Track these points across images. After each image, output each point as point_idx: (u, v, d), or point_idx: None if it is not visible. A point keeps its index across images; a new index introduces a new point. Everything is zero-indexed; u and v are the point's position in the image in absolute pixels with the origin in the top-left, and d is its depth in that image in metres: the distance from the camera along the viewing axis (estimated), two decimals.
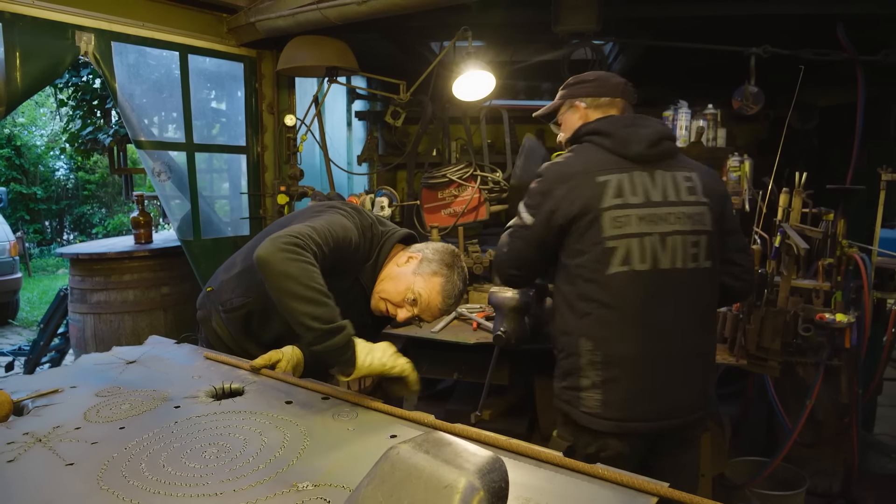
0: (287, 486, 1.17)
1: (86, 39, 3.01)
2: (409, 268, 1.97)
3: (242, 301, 2.06)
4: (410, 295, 1.93)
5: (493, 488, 0.78)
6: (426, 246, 2.05)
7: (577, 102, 2.11)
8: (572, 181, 1.93)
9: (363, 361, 1.63)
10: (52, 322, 5.16)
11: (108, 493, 1.14)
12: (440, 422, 1.47)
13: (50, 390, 1.69)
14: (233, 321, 2.09)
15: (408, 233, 2.11)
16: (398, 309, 1.98)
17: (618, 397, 1.88)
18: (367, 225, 1.99)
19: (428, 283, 1.94)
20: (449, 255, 2.00)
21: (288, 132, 3.69)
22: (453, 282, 1.97)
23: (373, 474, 0.84)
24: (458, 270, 1.99)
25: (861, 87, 3.29)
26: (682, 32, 3.61)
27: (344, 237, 1.85)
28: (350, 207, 2.01)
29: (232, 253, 2.33)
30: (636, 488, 1.15)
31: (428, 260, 1.96)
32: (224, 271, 2.18)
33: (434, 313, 2.00)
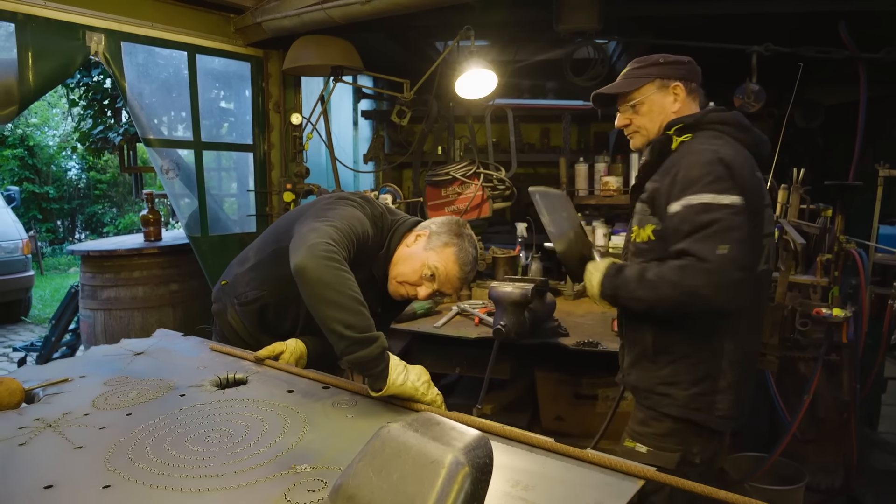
0: (286, 469, 1.21)
1: (96, 39, 3.07)
2: (419, 245, 1.98)
3: (257, 294, 2.08)
4: (427, 271, 1.94)
5: (478, 464, 0.82)
6: (431, 222, 2.05)
7: (675, 84, 1.91)
8: (744, 169, 1.73)
9: (395, 379, 1.58)
10: (64, 318, 5.24)
11: (114, 474, 1.19)
12: (438, 409, 1.51)
13: (60, 379, 1.74)
14: (248, 314, 2.12)
15: (417, 220, 2.11)
16: (417, 288, 1.98)
17: (743, 396, 1.87)
18: (377, 214, 2.01)
19: (441, 255, 1.95)
20: (455, 224, 2.01)
21: (294, 131, 3.74)
22: (465, 249, 1.97)
23: (365, 451, 0.88)
24: (467, 238, 2.00)
25: (863, 85, 3.29)
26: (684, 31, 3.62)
27: (362, 231, 1.87)
28: (359, 197, 2.02)
29: (239, 249, 2.36)
30: (624, 471, 1.18)
31: (436, 234, 1.98)
32: (238, 265, 2.21)
33: (454, 283, 2.00)
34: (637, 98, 1.93)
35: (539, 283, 2.50)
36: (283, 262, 1.97)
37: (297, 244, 1.69)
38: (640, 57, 1.96)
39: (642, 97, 1.92)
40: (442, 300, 3.37)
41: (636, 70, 1.94)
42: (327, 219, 1.81)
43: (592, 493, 1.13)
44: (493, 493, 1.12)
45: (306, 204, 2.12)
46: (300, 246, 1.66)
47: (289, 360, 1.93)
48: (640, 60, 1.95)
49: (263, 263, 2.08)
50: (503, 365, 2.96)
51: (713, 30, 3.58)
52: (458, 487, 0.78)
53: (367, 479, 0.84)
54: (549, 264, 4.09)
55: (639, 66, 1.94)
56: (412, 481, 0.80)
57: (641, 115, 1.94)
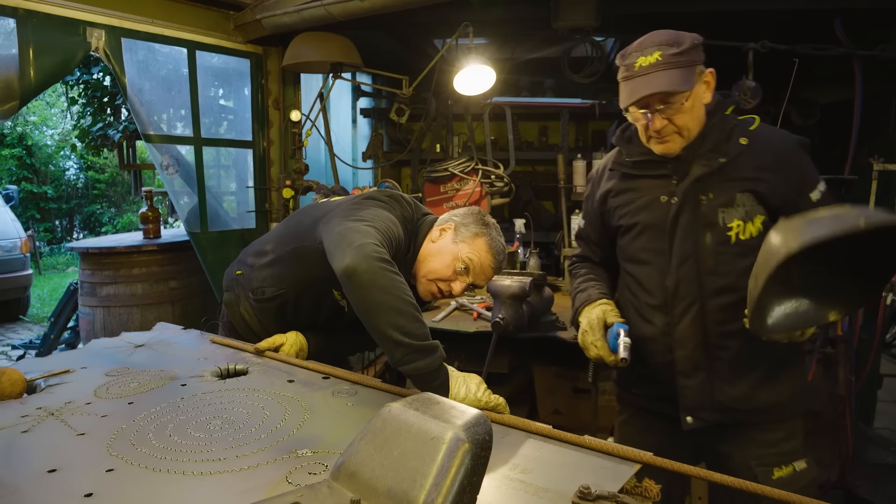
0: (287, 453, 1.22)
1: (97, 35, 3.09)
2: (446, 239, 1.92)
3: (276, 292, 2.02)
4: (460, 264, 1.88)
5: (478, 440, 0.83)
6: (452, 215, 1.99)
7: (708, 70, 1.69)
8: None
9: (457, 392, 1.51)
10: (63, 316, 5.25)
11: (117, 459, 1.20)
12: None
13: (61, 370, 1.75)
14: (265, 311, 2.06)
15: (436, 217, 2.06)
16: (451, 284, 1.91)
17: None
18: (408, 217, 1.94)
19: (473, 246, 1.89)
20: (479, 214, 1.96)
21: (293, 127, 3.76)
22: (495, 238, 1.92)
23: (366, 430, 0.90)
24: (493, 227, 1.95)
25: (858, 82, 3.32)
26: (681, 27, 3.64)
27: (397, 235, 1.79)
28: (387, 196, 1.93)
29: (239, 245, 2.31)
30: (621, 456, 1.20)
31: (464, 225, 1.91)
32: (254, 256, 2.11)
33: (488, 274, 1.94)
34: (688, 94, 1.63)
35: (537, 276, 2.52)
36: (305, 262, 1.95)
37: (339, 244, 1.58)
38: (663, 35, 1.64)
39: (691, 92, 1.63)
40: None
41: (680, 58, 1.59)
42: (363, 219, 1.72)
43: (589, 476, 1.14)
44: (492, 475, 1.14)
45: (329, 202, 2.04)
46: (345, 246, 1.55)
47: (289, 352, 1.94)
48: (672, 42, 1.61)
49: (283, 261, 2.01)
50: (501, 359, 2.98)
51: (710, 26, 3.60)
52: (458, 462, 0.80)
53: (368, 457, 0.85)
54: (546, 261, 4.12)
55: (679, 52, 1.60)
56: (413, 457, 0.81)
57: (684, 113, 1.65)
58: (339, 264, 1.51)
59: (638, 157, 1.81)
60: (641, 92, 1.61)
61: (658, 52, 1.59)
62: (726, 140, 1.70)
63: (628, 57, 1.66)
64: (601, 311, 1.83)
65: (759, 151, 1.69)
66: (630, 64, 1.64)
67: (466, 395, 1.50)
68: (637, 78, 1.63)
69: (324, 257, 1.67)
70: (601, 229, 2.00)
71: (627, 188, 1.86)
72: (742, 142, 1.70)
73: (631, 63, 1.64)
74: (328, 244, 1.66)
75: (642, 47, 1.63)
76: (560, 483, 1.10)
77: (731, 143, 1.70)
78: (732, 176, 1.69)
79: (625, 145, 1.87)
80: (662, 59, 1.59)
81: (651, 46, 1.61)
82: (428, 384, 1.47)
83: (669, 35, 1.63)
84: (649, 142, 1.74)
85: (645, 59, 1.60)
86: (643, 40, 1.65)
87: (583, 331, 1.82)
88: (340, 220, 1.72)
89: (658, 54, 1.59)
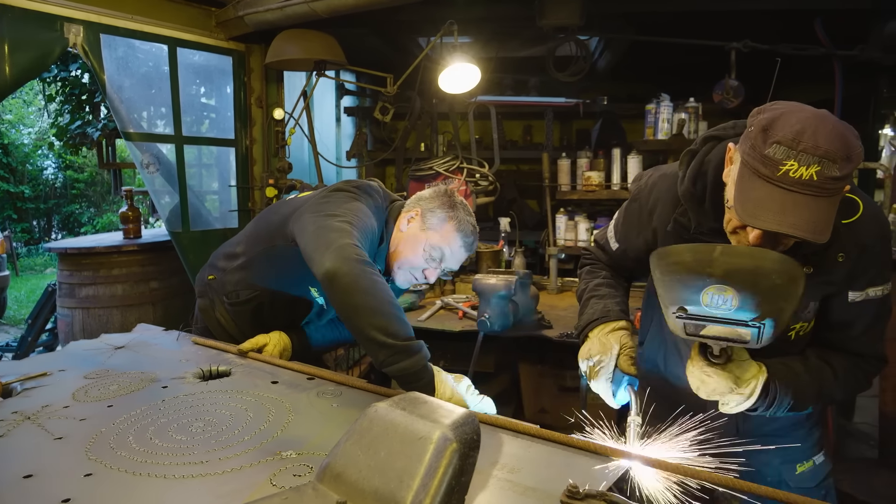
0: (271, 455, 1.20)
1: (74, 31, 3.03)
2: (415, 227, 1.90)
3: (250, 294, 1.99)
4: (432, 252, 1.87)
5: (466, 439, 0.82)
6: (418, 199, 1.96)
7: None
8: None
9: (443, 392, 1.48)
10: (41, 317, 5.16)
11: (95, 463, 1.17)
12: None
13: (38, 373, 1.71)
14: (241, 314, 2.04)
15: (402, 204, 2.03)
16: (425, 272, 1.91)
17: None
18: (379, 205, 1.91)
19: (441, 232, 1.87)
20: (445, 196, 1.92)
21: (276, 126, 3.72)
22: (463, 220, 1.90)
23: (352, 430, 0.88)
24: (461, 207, 1.92)
25: (838, 82, 3.36)
26: (665, 27, 3.67)
27: (371, 226, 1.77)
28: (356, 188, 1.89)
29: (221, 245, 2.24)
30: (609, 455, 1.20)
31: (430, 211, 1.89)
32: (225, 259, 2.07)
33: (460, 257, 1.92)
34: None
35: (522, 275, 2.52)
36: (278, 261, 1.92)
37: (317, 246, 1.56)
38: (833, 136, 1.18)
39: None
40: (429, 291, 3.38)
41: (837, 183, 1.20)
42: (336, 214, 1.68)
43: (577, 474, 1.13)
44: (480, 475, 1.13)
45: (298, 198, 2.00)
46: (323, 249, 1.52)
47: (272, 353, 1.91)
48: (840, 154, 1.18)
49: (255, 262, 1.97)
50: (487, 358, 2.97)
51: (693, 26, 3.64)
52: (446, 462, 0.78)
53: (354, 458, 0.84)
54: (532, 259, 4.12)
55: (840, 177, 1.19)
56: (400, 458, 0.80)
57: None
58: (320, 269, 1.49)
59: (707, 234, 1.48)
60: (772, 224, 1.20)
61: (818, 166, 1.17)
62: (823, 250, 1.37)
63: (776, 146, 1.19)
64: (616, 343, 1.64)
65: (847, 256, 1.40)
66: (775, 160, 1.19)
67: (453, 395, 1.49)
68: (776, 188, 1.20)
69: (298, 256, 1.65)
70: (636, 258, 1.74)
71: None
72: (839, 259, 1.40)
73: (777, 160, 1.19)
74: (304, 245, 1.64)
75: (801, 147, 1.17)
76: (548, 482, 1.09)
77: (826, 256, 1.39)
78: (812, 284, 1.39)
79: (694, 208, 1.50)
80: (818, 179, 1.17)
81: (813, 154, 1.17)
82: (413, 384, 1.45)
83: (839, 139, 1.18)
84: (731, 234, 1.39)
85: (797, 167, 1.17)
86: (805, 131, 1.18)
87: (590, 362, 1.65)
88: (313, 217, 1.70)
89: (816, 169, 1.17)
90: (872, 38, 3.31)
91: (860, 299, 1.44)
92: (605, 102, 4.62)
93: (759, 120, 1.25)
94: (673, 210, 1.56)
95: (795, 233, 1.19)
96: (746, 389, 1.35)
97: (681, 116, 3.66)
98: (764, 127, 1.22)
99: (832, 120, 1.22)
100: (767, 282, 1.17)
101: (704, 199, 1.47)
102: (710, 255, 1.21)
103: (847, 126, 1.23)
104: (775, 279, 1.17)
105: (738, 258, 1.20)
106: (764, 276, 1.18)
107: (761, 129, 1.22)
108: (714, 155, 1.45)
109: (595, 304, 1.76)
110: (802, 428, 1.74)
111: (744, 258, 1.20)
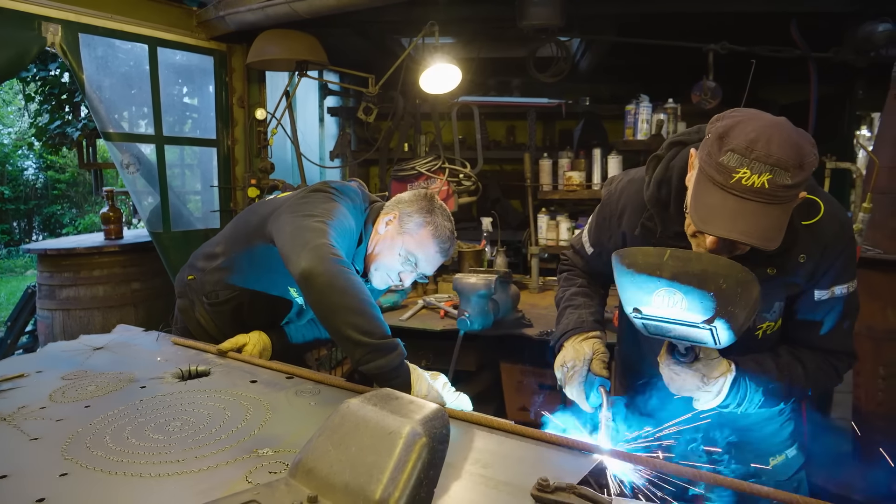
0: (248, 453, 1.21)
1: (52, 30, 3.00)
2: (392, 230, 1.91)
3: (230, 294, 2.00)
4: (407, 257, 1.89)
5: (435, 434, 0.84)
6: (397, 202, 1.96)
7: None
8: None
9: (419, 389, 1.49)
10: (20, 320, 5.09)
11: (71, 463, 1.18)
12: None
13: (15, 375, 1.71)
14: (221, 315, 2.04)
15: (382, 205, 2.03)
16: (400, 275, 1.92)
17: None
18: (357, 206, 1.92)
19: (417, 237, 1.88)
20: (424, 200, 1.93)
21: (258, 126, 3.72)
22: (441, 225, 1.90)
23: (324, 426, 0.89)
24: (439, 213, 1.92)
25: (813, 83, 3.42)
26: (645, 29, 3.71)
27: (348, 227, 1.78)
28: (335, 189, 1.88)
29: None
30: (581, 449, 1.22)
31: (408, 215, 1.90)
32: (204, 259, 2.08)
33: (435, 263, 1.93)
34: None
35: (503, 274, 2.54)
36: (257, 261, 1.93)
37: (293, 247, 1.56)
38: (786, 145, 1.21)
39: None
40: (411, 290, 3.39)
41: (789, 192, 1.23)
42: (313, 215, 1.69)
43: (549, 469, 1.16)
44: (454, 470, 1.15)
45: (276, 199, 2.01)
46: (299, 249, 1.53)
47: (252, 352, 1.91)
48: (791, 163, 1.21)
49: (234, 262, 1.98)
50: (469, 357, 2.99)
51: (671, 27, 3.68)
52: (415, 456, 0.80)
53: (325, 453, 0.85)
54: (514, 259, 4.15)
55: (792, 185, 1.22)
56: (370, 452, 0.81)
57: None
58: (296, 268, 1.50)
59: (672, 238, 1.50)
60: (723, 230, 1.24)
61: (770, 174, 1.19)
62: (784, 252, 1.40)
63: (730, 154, 1.23)
64: (590, 349, 1.67)
65: (811, 256, 1.44)
66: (728, 168, 1.22)
67: (429, 392, 1.50)
68: (729, 195, 1.23)
69: (276, 256, 1.66)
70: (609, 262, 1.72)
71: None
72: (800, 260, 1.44)
73: (730, 168, 1.22)
74: (281, 245, 1.64)
75: (754, 155, 1.20)
76: (520, 476, 1.11)
77: (788, 257, 1.43)
78: (775, 284, 1.46)
79: (660, 213, 1.54)
80: (770, 187, 1.20)
81: (765, 162, 1.20)
82: (389, 382, 1.46)
83: (792, 148, 1.21)
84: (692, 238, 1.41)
85: (749, 175, 1.20)
86: (759, 139, 1.21)
87: (565, 370, 1.66)
88: (291, 218, 1.70)
89: (768, 177, 1.20)
90: (846, 41, 3.37)
91: (826, 297, 1.48)
92: (587, 103, 4.66)
93: (716, 128, 1.28)
94: (640, 214, 1.59)
95: (745, 239, 1.23)
96: (714, 387, 1.39)
97: (659, 117, 3.71)
98: (720, 135, 1.25)
99: (787, 129, 1.24)
100: (714, 286, 1.21)
101: (669, 204, 1.50)
102: (659, 258, 1.26)
103: (803, 135, 1.26)
104: (722, 283, 1.21)
105: (686, 263, 1.24)
106: (710, 280, 1.21)
107: (717, 137, 1.25)
108: (678, 160, 1.48)
109: (570, 314, 1.78)
110: (775, 423, 1.78)
111: (691, 263, 1.24)
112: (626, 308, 1.35)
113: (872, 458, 2.49)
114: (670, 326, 1.31)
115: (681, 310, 1.25)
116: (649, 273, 1.26)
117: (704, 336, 1.27)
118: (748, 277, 1.22)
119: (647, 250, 1.30)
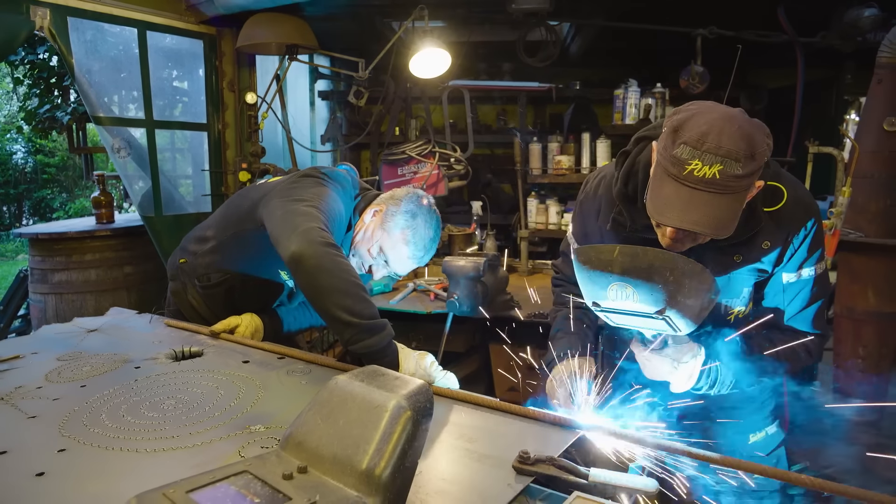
0: (240, 429, 1.25)
1: (41, 14, 2.99)
2: (375, 224, 1.94)
3: (221, 277, 2.03)
4: (379, 252, 1.92)
5: (419, 407, 0.88)
6: (390, 197, 1.98)
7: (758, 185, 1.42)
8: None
9: (406, 368, 1.53)
10: (12, 304, 5.11)
11: (69, 439, 1.21)
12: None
13: (11, 356, 1.74)
14: (213, 297, 2.07)
15: (377, 194, 2.06)
16: (371, 266, 1.96)
17: None
18: (348, 193, 1.94)
19: (394, 238, 1.90)
20: (413, 203, 1.94)
21: (249, 110, 3.72)
22: (419, 233, 1.91)
23: (314, 401, 0.93)
24: (423, 219, 1.93)
25: (801, 68, 3.45)
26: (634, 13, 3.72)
27: (338, 212, 1.81)
28: (325, 174, 1.91)
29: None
30: (562, 424, 1.27)
31: (392, 215, 1.92)
32: (196, 242, 2.11)
33: (406, 266, 1.96)
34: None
35: (491, 257, 2.58)
36: (248, 245, 1.96)
37: (284, 230, 1.60)
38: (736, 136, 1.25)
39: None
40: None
41: (741, 182, 1.28)
42: (303, 199, 1.72)
43: (531, 442, 1.21)
44: (440, 444, 1.20)
45: (267, 183, 2.03)
46: (289, 232, 1.57)
47: (244, 334, 1.95)
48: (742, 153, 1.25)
49: (226, 246, 2.01)
50: (458, 339, 3.04)
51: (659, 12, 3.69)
52: (400, 429, 0.84)
53: (315, 426, 0.89)
54: (504, 242, 4.18)
55: (743, 175, 1.26)
56: (357, 425, 0.86)
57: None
58: (286, 251, 1.54)
59: (642, 230, 1.53)
60: (675, 221, 1.29)
61: (721, 165, 1.24)
62: (749, 240, 1.47)
63: (683, 147, 1.27)
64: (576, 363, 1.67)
65: (775, 241, 1.49)
66: (681, 160, 1.27)
67: (416, 371, 1.55)
68: (682, 187, 1.28)
69: (266, 239, 1.69)
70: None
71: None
72: (764, 246, 1.49)
73: (683, 160, 1.26)
74: (272, 228, 1.68)
75: (705, 147, 1.25)
76: (502, 450, 1.16)
77: (752, 244, 1.48)
78: (743, 271, 1.52)
79: (628, 208, 1.56)
80: (721, 178, 1.24)
81: (716, 153, 1.24)
82: (378, 361, 1.49)
83: (743, 139, 1.25)
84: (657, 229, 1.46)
85: (700, 166, 1.25)
86: (710, 132, 1.25)
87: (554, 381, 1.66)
88: (281, 202, 1.73)
89: (719, 168, 1.24)
90: (833, 26, 3.40)
91: (794, 279, 1.54)
92: (577, 87, 4.67)
93: (672, 121, 1.32)
94: (611, 210, 1.63)
95: (697, 228, 1.28)
96: (685, 371, 1.45)
97: (647, 101, 3.74)
98: (675, 128, 1.30)
99: (740, 120, 1.28)
100: (661, 278, 1.29)
101: (637, 198, 1.53)
102: (610, 255, 1.35)
103: (756, 125, 1.30)
104: (668, 276, 1.28)
105: (633, 258, 1.32)
106: (657, 273, 1.29)
107: (672, 131, 1.30)
108: (644, 155, 1.52)
109: (560, 341, 1.78)
110: (755, 402, 1.84)
111: (638, 258, 1.32)
112: (587, 302, 1.44)
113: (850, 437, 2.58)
114: (628, 318, 1.39)
115: (634, 302, 1.33)
116: (602, 269, 1.36)
117: (661, 325, 1.35)
118: (695, 269, 1.29)
119: (600, 247, 1.39)
